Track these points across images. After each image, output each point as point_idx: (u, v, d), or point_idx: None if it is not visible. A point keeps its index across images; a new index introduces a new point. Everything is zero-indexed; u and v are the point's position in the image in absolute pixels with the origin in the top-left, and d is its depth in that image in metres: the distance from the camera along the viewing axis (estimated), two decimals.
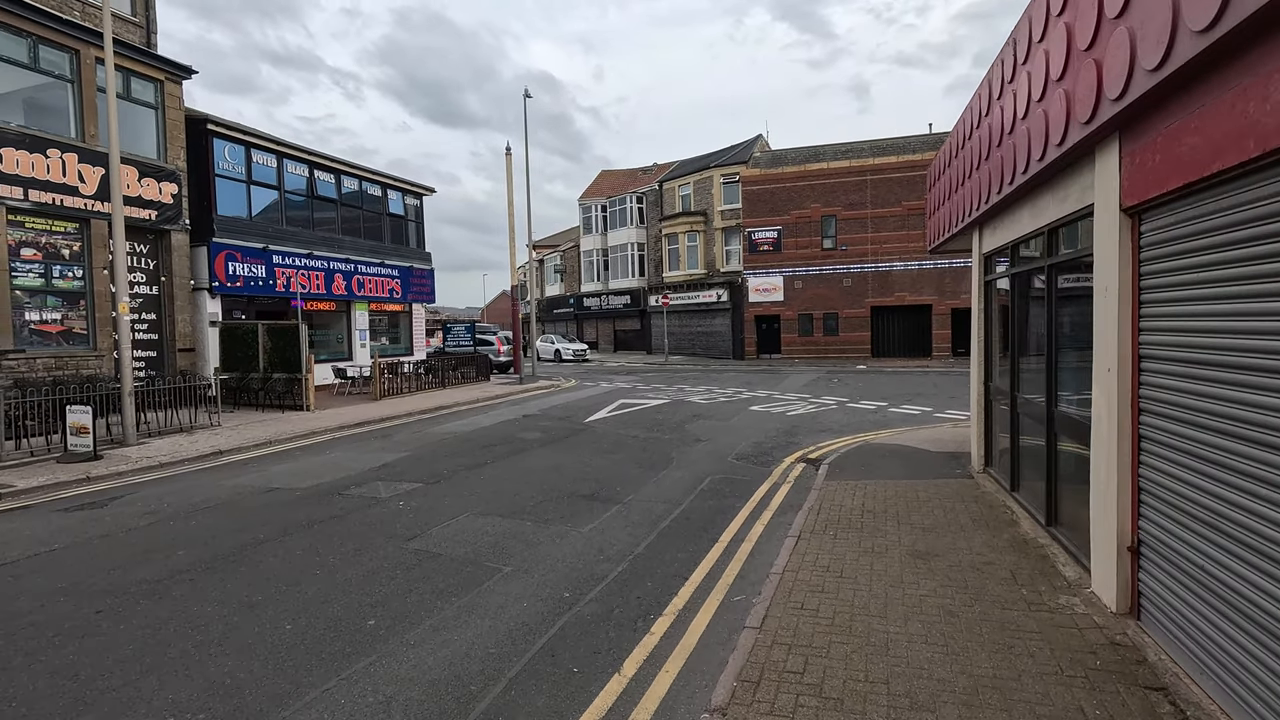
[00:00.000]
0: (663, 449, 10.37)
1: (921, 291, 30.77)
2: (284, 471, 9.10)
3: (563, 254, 49.07)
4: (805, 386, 19.60)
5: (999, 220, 7.12)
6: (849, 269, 31.86)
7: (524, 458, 9.72)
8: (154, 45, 15.44)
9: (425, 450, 10.49)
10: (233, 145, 16.92)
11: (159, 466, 9.65)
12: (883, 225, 31.22)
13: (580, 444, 10.84)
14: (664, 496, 7.58)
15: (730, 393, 18.18)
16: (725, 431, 11.94)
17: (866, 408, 14.87)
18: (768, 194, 33.18)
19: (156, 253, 15.15)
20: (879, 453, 9.57)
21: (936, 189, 10.01)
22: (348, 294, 20.34)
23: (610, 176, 48.30)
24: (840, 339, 32.19)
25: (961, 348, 30.58)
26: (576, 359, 35.84)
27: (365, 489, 7.86)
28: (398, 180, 23.03)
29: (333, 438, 12.13)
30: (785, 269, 32.95)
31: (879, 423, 12.79)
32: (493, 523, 6.49)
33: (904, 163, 30.86)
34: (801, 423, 12.87)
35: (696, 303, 36.84)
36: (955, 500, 6.89)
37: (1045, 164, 4.88)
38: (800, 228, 32.64)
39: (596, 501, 7.34)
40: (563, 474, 8.63)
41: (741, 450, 10.26)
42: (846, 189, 31.77)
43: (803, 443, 10.89)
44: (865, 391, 18.03)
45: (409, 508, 6.99)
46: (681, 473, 8.77)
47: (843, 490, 7.50)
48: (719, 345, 36.01)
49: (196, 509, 7.17)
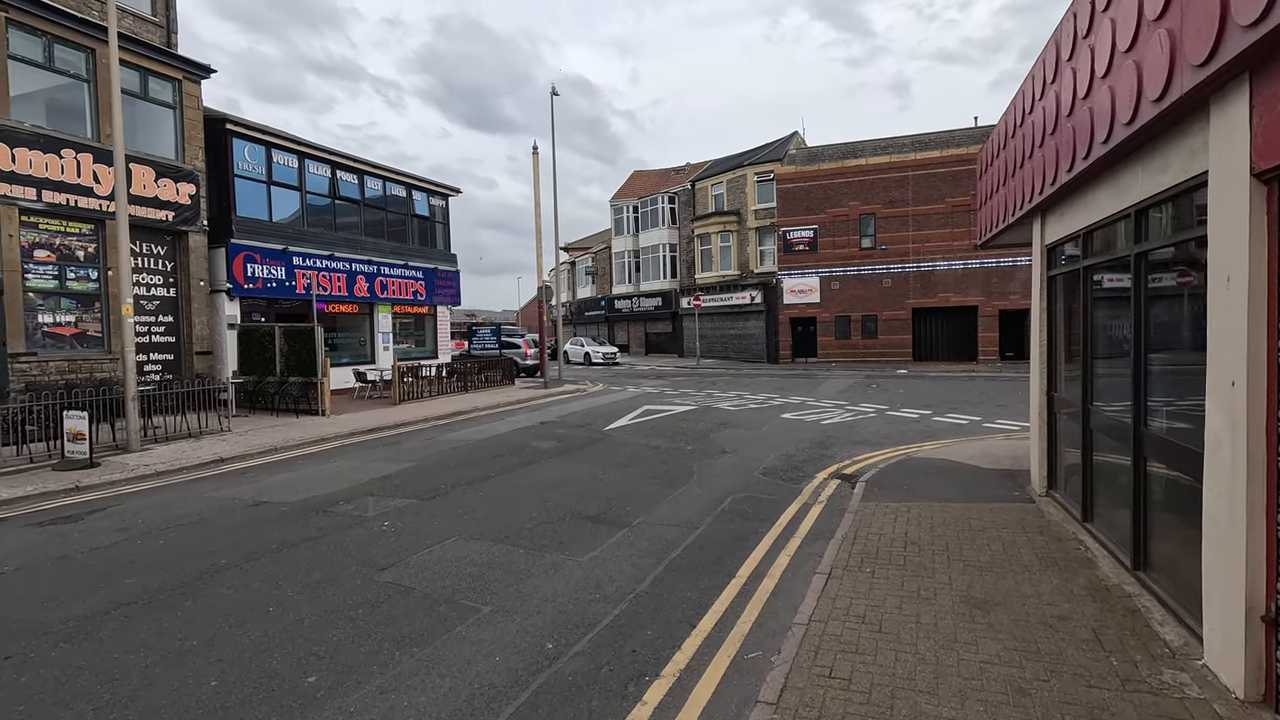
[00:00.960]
0: (683, 462, 9.55)
1: (967, 292, 29.26)
2: (279, 483, 8.56)
3: (594, 256, 48.55)
4: (842, 392, 18.53)
5: (1066, 205, 6.14)
6: (889, 269, 30.53)
7: (532, 470, 9.02)
8: (174, 45, 15.27)
9: (430, 460, 9.87)
10: (253, 145, 16.69)
11: (155, 475, 9.23)
12: (925, 223, 29.82)
13: (595, 455, 10.09)
14: (679, 519, 6.78)
15: (761, 399, 17.24)
16: (753, 442, 11.06)
17: (908, 416, 13.80)
18: (803, 192, 32.06)
19: (174, 254, 14.95)
20: (923, 469, 8.59)
21: (987, 177, 9.01)
22: (370, 296, 20.01)
23: (642, 177, 47.63)
24: (879, 342, 30.85)
25: (1010, 351, 28.99)
26: (606, 362, 35.19)
27: (354, 505, 7.23)
28: (422, 180, 22.69)
29: (341, 445, 11.63)
30: (821, 269, 31.76)
31: (922, 433, 11.75)
32: (481, 549, 5.77)
33: (948, 157, 29.43)
34: (837, 433, 11.90)
35: (729, 305, 35.85)
36: (1015, 530, 5.92)
37: (1135, 128, 3.95)
38: (837, 226, 31.43)
39: (602, 524, 6.57)
40: (570, 490, 7.89)
41: (770, 464, 9.39)
42: (886, 186, 30.45)
43: (837, 456, 9.95)
44: (906, 398, 16.90)
45: (393, 529, 6.33)
46: (701, 490, 7.95)
47: (882, 514, 6.59)
48: (752, 348, 34.95)
49: (171, 526, 6.63)
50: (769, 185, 34.37)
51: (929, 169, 29.65)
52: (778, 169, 33.39)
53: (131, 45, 13.76)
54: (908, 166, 30.04)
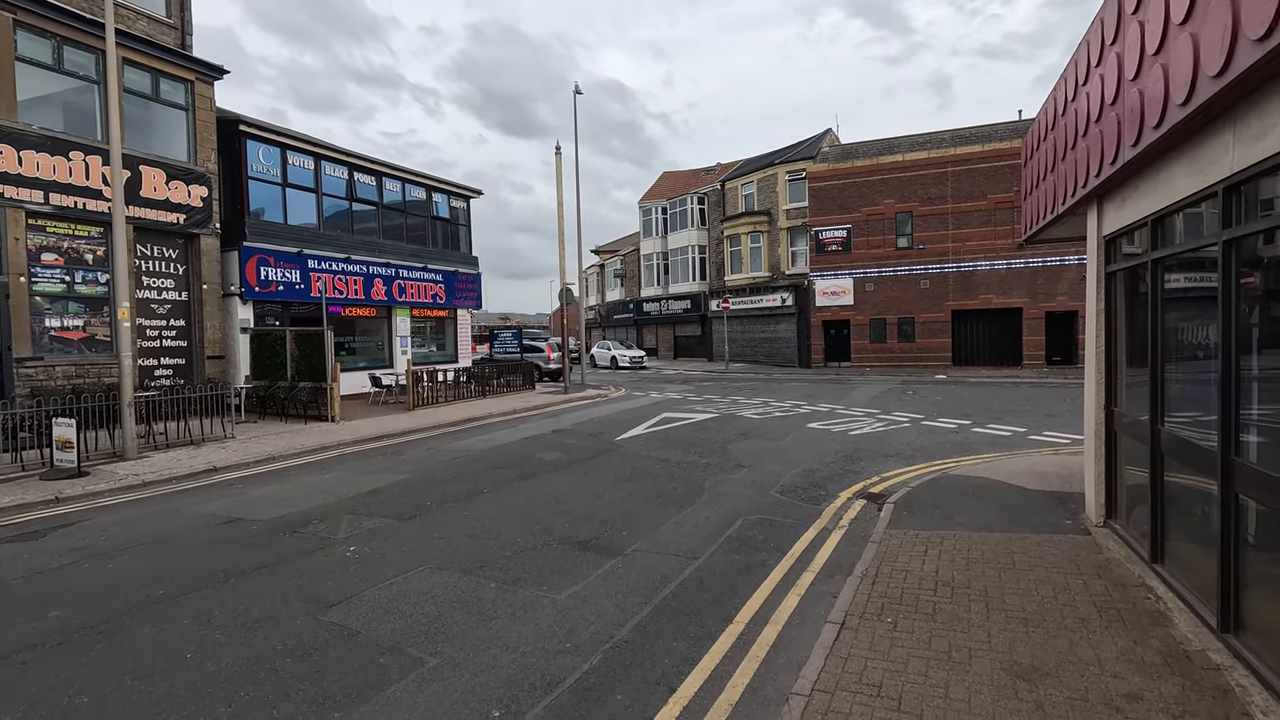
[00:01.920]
0: (694, 477, 8.80)
1: (1010, 293, 27.79)
2: (262, 497, 8.09)
3: (623, 258, 47.99)
4: (874, 400, 17.50)
5: (1130, 189, 5.24)
6: (927, 269, 29.22)
7: (529, 485, 8.37)
8: (189, 47, 15.12)
9: (426, 472, 9.31)
10: (267, 147, 16.49)
11: (141, 486, 8.85)
12: (965, 221, 28.44)
13: (600, 469, 9.40)
14: (679, 546, 6.04)
15: (788, 406, 16.35)
16: (773, 455, 10.24)
17: (945, 426, 12.79)
18: (836, 190, 30.94)
19: (186, 257, 14.77)
20: (960, 489, 7.68)
21: (1033, 165, 8.07)
22: (388, 299, 19.70)
23: (672, 178, 46.91)
24: (917, 345, 29.55)
25: (1058, 355, 27.43)
26: (633, 366, 34.53)
27: (327, 525, 6.67)
28: (443, 182, 22.37)
29: (341, 454, 11.18)
30: (855, 270, 30.59)
31: (960, 446, 10.77)
32: (448, 583, 5.13)
33: (990, 152, 28.03)
34: (865, 445, 11.00)
35: (759, 307, 34.86)
36: (1068, 570, 5.03)
37: (1228, 81, 3.10)
38: (872, 226, 30.24)
39: (591, 551, 5.87)
40: (564, 510, 7.21)
41: (789, 481, 8.57)
42: (924, 182, 29.16)
43: (865, 471, 9.08)
44: (944, 406, 15.82)
45: (358, 556, 5.73)
46: (710, 511, 7.19)
47: (910, 545, 5.75)
48: (783, 352, 33.91)
49: (130, 546, 6.16)
50: (801, 184, 33.32)
51: (969, 164, 28.29)
52: (810, 167, 32.33)
53: (142, 46, 13.63)
54: (947, 162, 28.72)
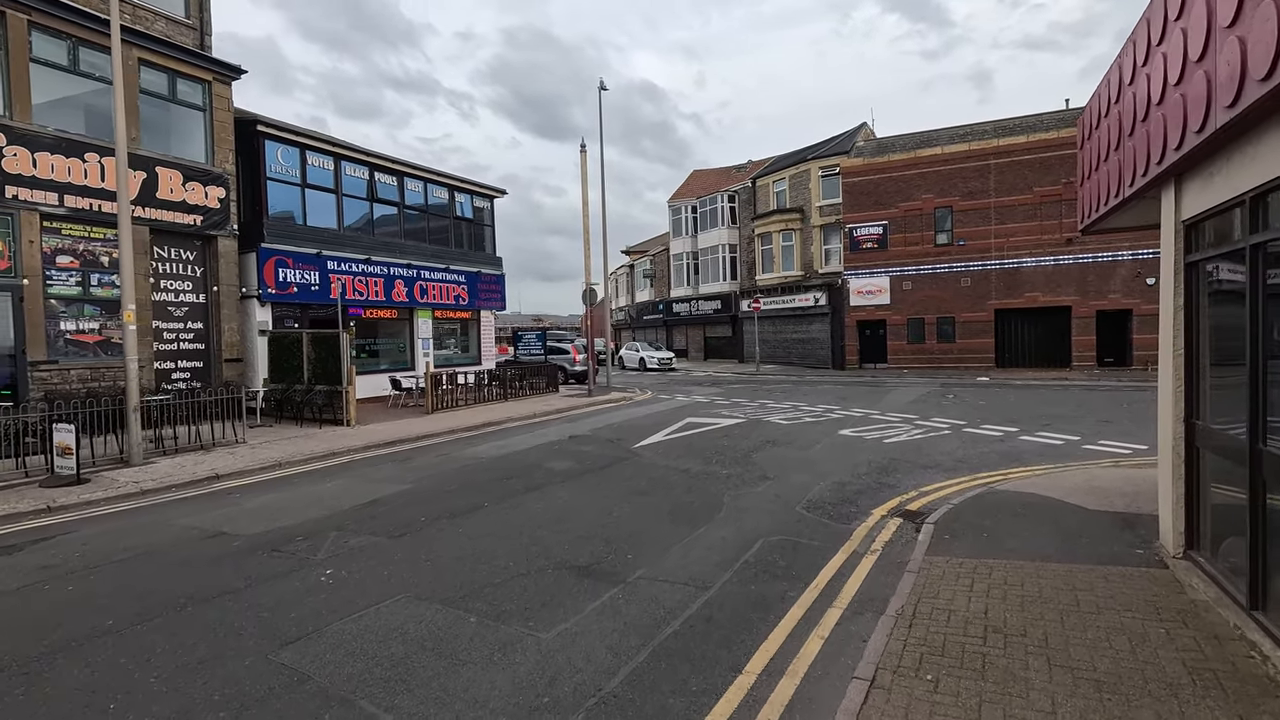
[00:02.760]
0: (713, 491, 8.14)
1: (1058, 291, 26.37)
2: (256, 508, 7.69)
3: (652, 258, 47.38)
4: (912, 404, 16.56)
5: (1221, 159, 4.43)
6: (968, 267, 27.95)
7: (533, 499, 7.81)
8: (208, 47, 15.01)
9: (430, 483, 8.83)
10: (286, 147, 16.32)
11: (138, 494, 8.56)
12: (1009, 216, 27.11)
13: (613, 480, 8.80)
14: (689, 572, 5.40)
15: (819, 411, 15.53)
16: (800, 465, 9.50)
17: (990, 434, 11.86)
18: (872, 185, 29.85)
19: (204, 259, 14.65)
20: (1009, 507, 6.87)
21: (1092, 145, 7.22)
22: (409, 301, 19.43)
23: (702, 176, 46.15)
24: (957, 346, 28.29)
25: (1110, 357, 25.95)
26: (661, 368, 33.90)
27: (310, 543, 6.20)
28: (466, 182, 22.06)
29: (351, 460, 10.80)
30: (892, 268, 29.45)
31: (1007, 456, 9.88)
32: (423, 615, 4.58)
33: (1036, 143, 26.66)
34: (902, 454, 10.19)
35: (791, 307, 33.90)
36: (1145, 615, 4.25)
37: None
38: (909, 222, 29.07)
39: (589, 579, 5.27)
40: (567, 528, 6.62)
41: (816, 495, 7.85)
42: (965, 176, 27.91)
43: (901, 485, 8.30)
44: (988, 411, 14.82)
45: (334, 581, 5.22)
46: (727, 530, 6.53)
47: (953, 576, 5.02)
48: (816, 353, 32.89)
49: (103, 564, 5.77)
50: (834, 180, 32.27)
51: (1013, 156, 26.95)
52: (844, 162, 31.28)
53: (157, 46, 13.51)
54: (989, 154, 27.42)
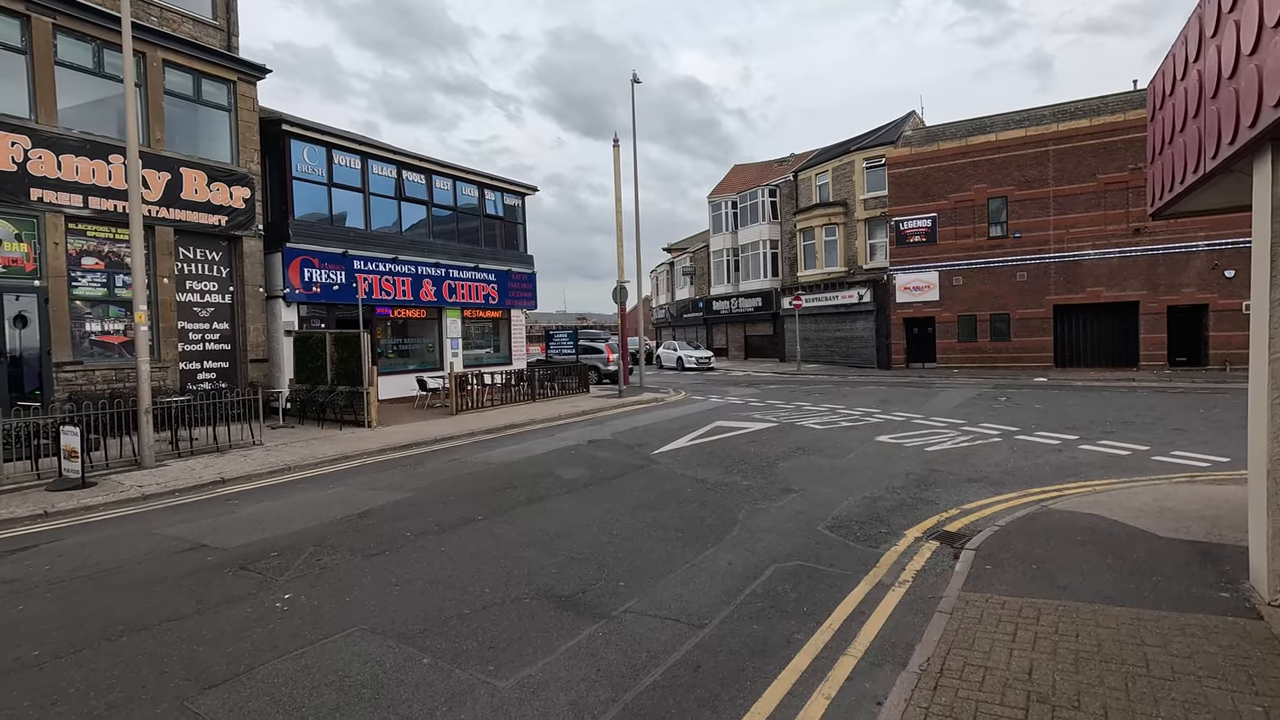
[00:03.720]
0: (729, 504, 7.45)
1: (1124, 285, 24.58)
2: (246, 517, 7.38)
3: (692, 255, 46.58)
4: (959, 407, 15.45)
5: None
6: (1024, 260, 26.34)
7: (531, 512, 7.27)
8: (235, 48, 15.01)
9: (431, 491, 8.39)
10: (312, 146, 16.25)
11: (139, 499, 8.38)
12: (1070, 205, 25.41)
13: (622, 490, 8.19)
14: (684, 605, 4.76)
15: (858, 414, 14.60)
16: (829, 477, 8.72)
17: (1045, 442, 10.81)
18: (920, 176, 28.45)
19: (229, 259, 14.65)
20: (1064, 531, 5.99)
21: (1165, 115, 6.27)
22: (438, 300, 19.23)
23: (743, 171, 45.12)
24: (1012, 345, 26.70)
25: (1182, 356, 24.05)
26: (699, 367, 33.13)
27: (282, 560, 5.79)
28: (496, 179, 21.78)
29: (361, 464, 10.49)
30: (941, 263, 28.01)
31: (1063, 469, 8.88)
32: (372, 654, 4.06)
33: (1100, 126, 24.90)
34: (944, 465, 9.28)
35: (834, 304, 32.69)
36: (1235, 687, 3.41)
37: None
38: (960, 214, 27.58)
39: (570, 611, 4.68)
40: (560, 546, 6.05)
41: (844, 512, 7.09)
42: (1021, 164, 26.30)
43: (941, 501, 7.45)
44: (1044, 416, 13.65)
45: (290, 607, 4.77)
46: (735, 554, 5.85)
47: (994, 619, 4.24)
48: (860, 352, 31.61)
49: (65, 579, 5.48)
50: (880, 172, 30.94)
51: (1075, 141, 25.23)
52: (889, 152, 29.93)
53: (180, 47, 13.51)
54: (1048, 140, 25.75)
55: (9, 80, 11.38)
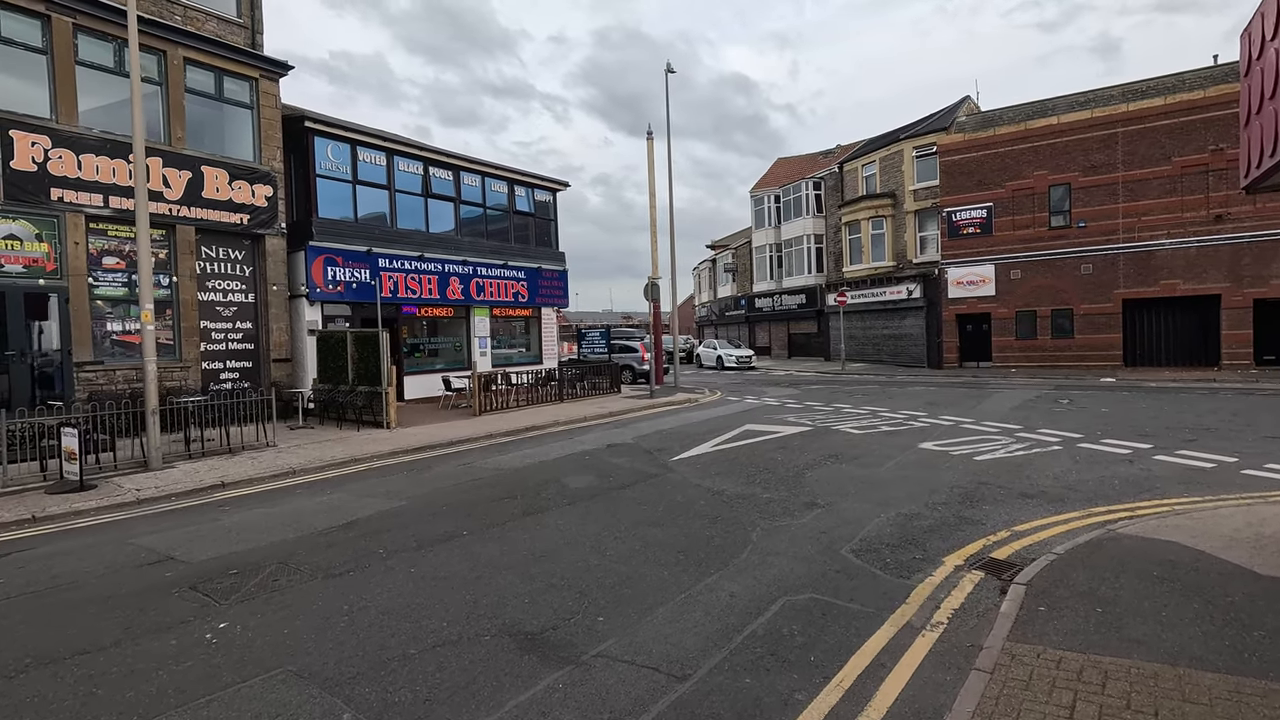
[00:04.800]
0: (744, 521, 6.67)
1: (1203, 277, 22.55)
2: (230, 526, 6.98)
3: (734, 252, 45.48)
4: (1015, 411, 14.19)
5: None
6: (1089, 251, 24.49)
7: (522, 528, 6.63)
8: (259, 46, 14.90)
9: (425, 500, 7.87)
10: (336, 144, 16.07)
11: (133, 503, 8.11)
12: (1141, 191, 23.48)
13: (628, 503, 7.49)
14: (667, 650, 4.04)
15: (902, 418, 13.53)
16: (862, 489, 7.83)
17: (1113, 451, 9.62)
18: (974, 164, 26.82)
19: (253, 258, 14.54)
20: (1138, 565, 5.02)
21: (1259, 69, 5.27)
22: (465, 299, 18.89)
23: (786, 164, 43.79)
24: (1076, 343, 24.88)
25: (1271, 354, 21.92)
26: (740, 366, 32.14)
27: (238, 579, 5.30)
28: (526, 175, 21.34)
29: (368, 468, 10.09)
30: (997, 255, 26.34)
31: (1136, 483, 7.77)
32: (290, 703, 3.47)
33: (1176, 105, 22.91)
34: (995, 477, 8.27)
35: (881, 300, 31.23)
36: None
37: None
38: (1018, 203, 25.87)
39: (534, 653, 4.01)
40: (543, 570, 5.39)
41: (873, 531, 6.23)
42: (1086, 148, 24.45)
43: (989, 521, 6.51)
44: (1112, 421, 12.34)
45: (218, 641, 4.23)
46: (741, 582, 5.09)
47: (1045, 684, 3.38)
48: (909, 351, 30.09)
49: (15, 595, 5.11)
50: (930, 160, 29.35)
51: (1147, 122, 23.29)
52: (941, 139, 28.35)
53: (199, 43, 13.42)
54: (1117, 121, 23.86)
55: (30, 80, 11.42)
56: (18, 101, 11.27)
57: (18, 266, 11.15)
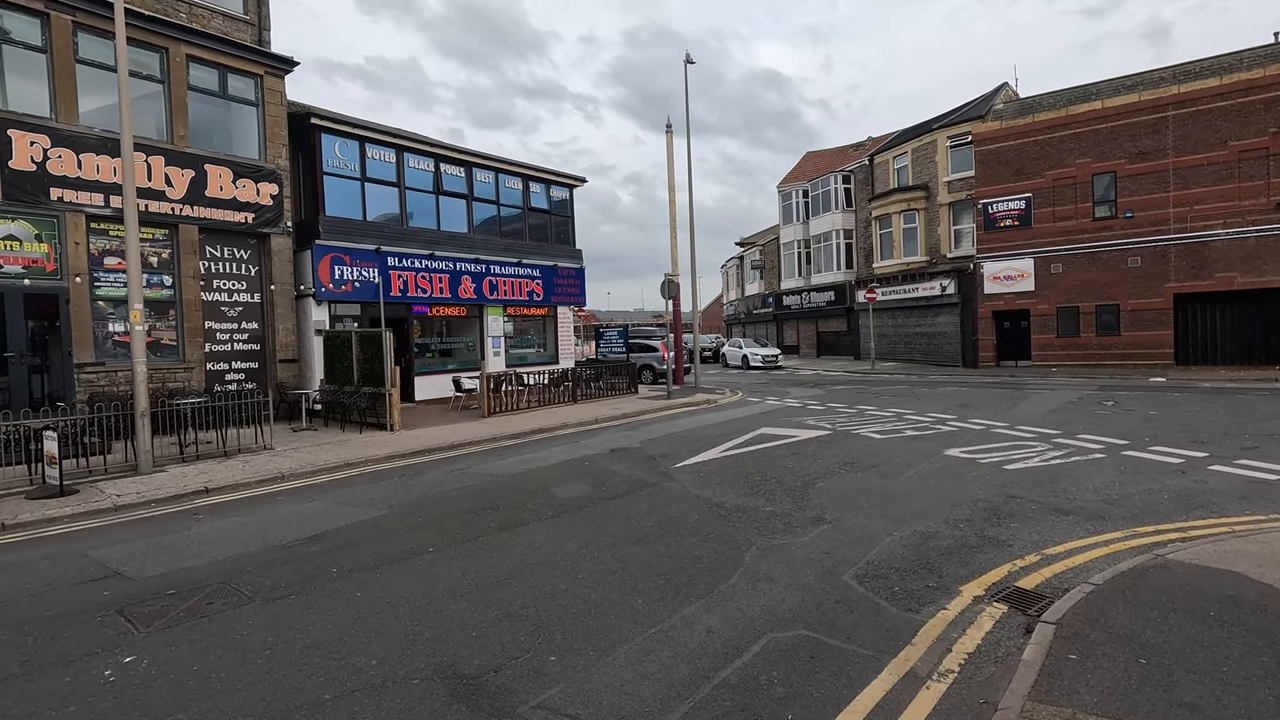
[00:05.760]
0: (739, 538, 6.04)
1: (1264, 269, 21.00)
2: (192, 538, 6.61)
3: (762, 249, 44.51)
4: (1053, 414, 13.20)
5: None
6: (1136, 243, 23.07)
7: (494, 544, 6.10)
8: (266, 43, 14.71)
9: (405, 510, 7.40)
10: (344, 141, 15.81)
11: (110, 510, 7.82)
12: (1195, 179, 22.00)
13: (616, 516, 6.90)
14: (620, 702, 3.45)
15: (928, 422, 12.68)
16: (877, 501, 7.12)
17: (1163, 460, 8.70)
18: (1012, 153, 25.55)
19: (258, 258, 14.35)
20: (1192, 601, 4.25)
21: None
22: (478, 297, 18.52)
23: (815, 158, 42.66)
24: (1123, 340, 23.47)
25: None
26: (766, 366, 31.28)
27: (168, 602, 4.87)
28: (542, 171, 20.90)
29: (360, 473, 9.71)
30: (1037, 249, 25.03)
31: (1189, 498, 6.90)
32: None
33: (1233, 85, 21.38)
34: (1028, 488, 7.46)
35: (914, 297, 30.05)
36: None
37: None
38: (1059, 193, 24.53)
39: (463, 703, 3.46)
40: (500, 596, 4.84)
41: (883, 553, 5.54)
42: (1133, 133, 23.03)
43: (1016, 541, 5.76)
44: (1162, 426, 11.32)
45: (113, 680, 3.76)
46: (723, 614, 4.47)
47: None
48: (943, 349, 28.88)
49: None
50: (965, 151, 28.10)
51: (1201, 104, 21.80)
52: (977, 128, 27.10)
53: (205, 40, 13.25)
54: (1166, 104, 22.40)
55: (30, 79, 11.33)
56: (17, 100, 11.18)
57: (17, 267, 11.06)
